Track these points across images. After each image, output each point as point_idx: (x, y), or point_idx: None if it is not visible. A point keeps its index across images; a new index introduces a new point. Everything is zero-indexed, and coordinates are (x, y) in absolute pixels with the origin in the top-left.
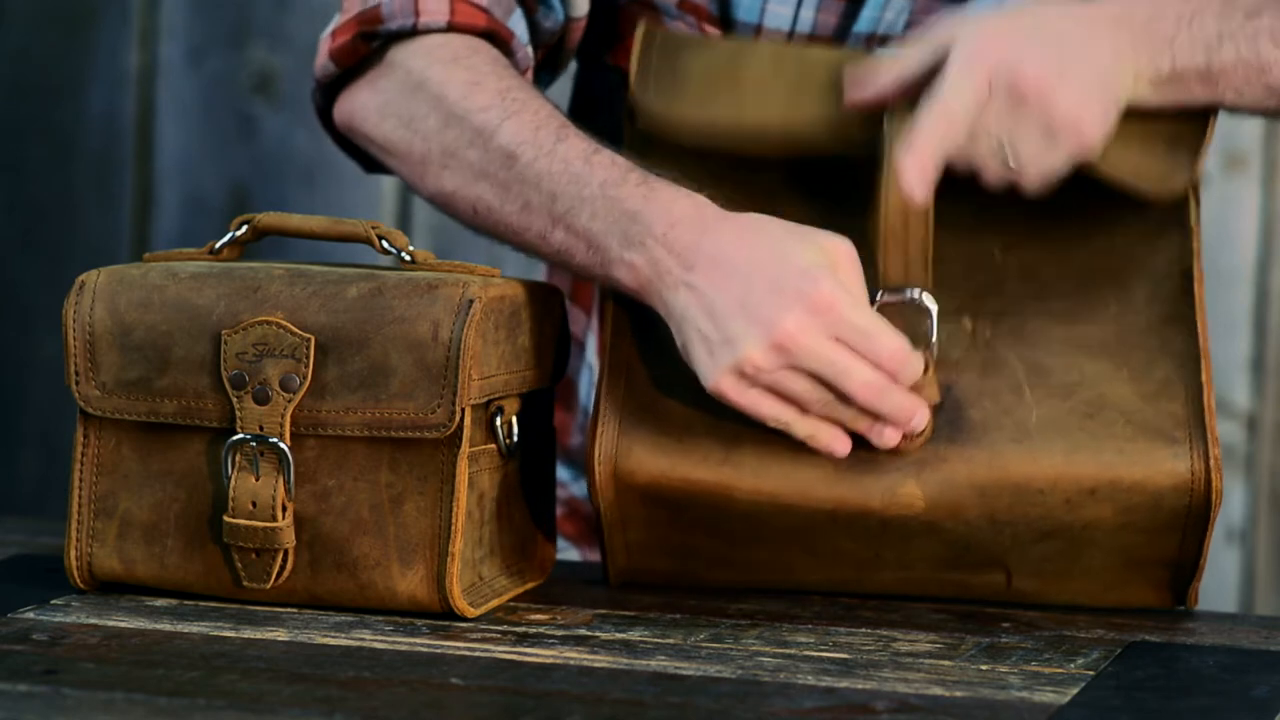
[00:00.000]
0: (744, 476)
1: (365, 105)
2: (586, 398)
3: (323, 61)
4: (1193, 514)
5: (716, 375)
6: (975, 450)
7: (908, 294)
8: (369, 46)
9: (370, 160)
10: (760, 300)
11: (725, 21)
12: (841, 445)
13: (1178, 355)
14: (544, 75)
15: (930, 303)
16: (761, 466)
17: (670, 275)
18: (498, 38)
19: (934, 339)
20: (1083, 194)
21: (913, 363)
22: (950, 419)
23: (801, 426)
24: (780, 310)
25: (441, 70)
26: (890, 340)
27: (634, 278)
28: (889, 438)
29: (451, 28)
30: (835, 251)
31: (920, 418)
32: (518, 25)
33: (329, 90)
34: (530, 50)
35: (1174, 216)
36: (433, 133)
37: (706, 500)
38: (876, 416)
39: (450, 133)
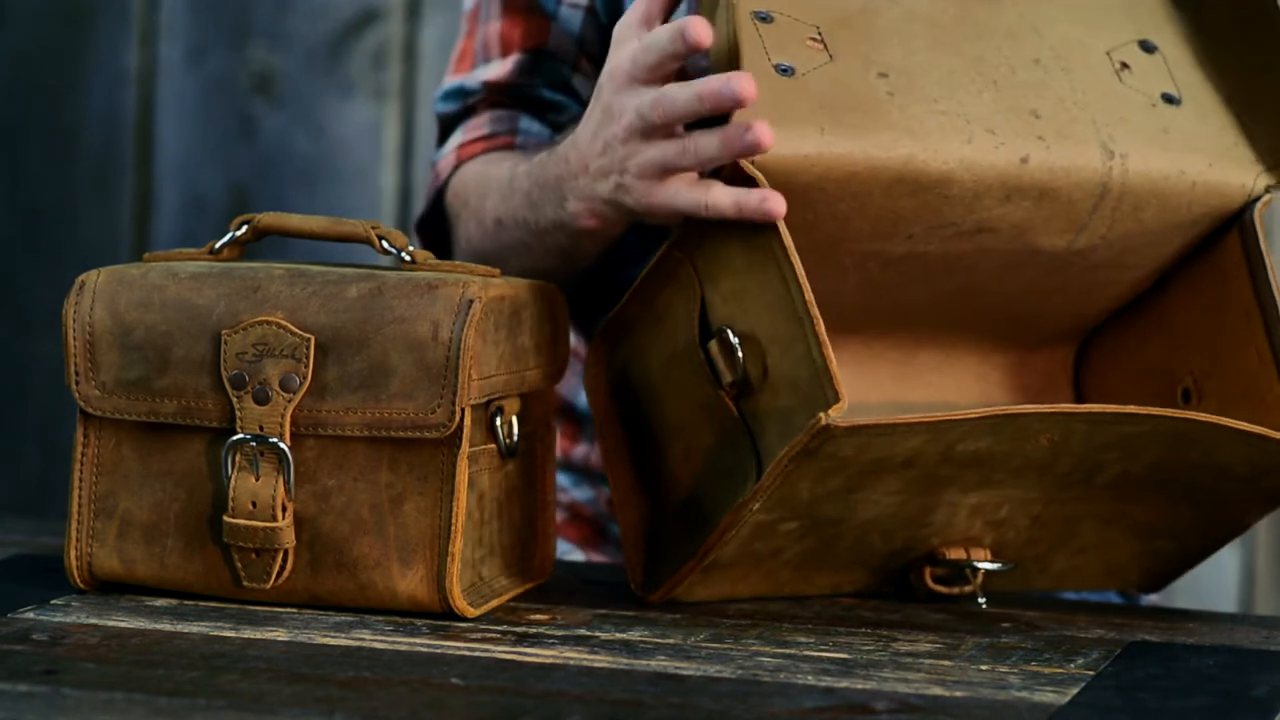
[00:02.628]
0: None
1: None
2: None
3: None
4: None
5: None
6: None
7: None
8: (430, 231)
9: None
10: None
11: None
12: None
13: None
14: None
15: None
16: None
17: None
18: (502, 148)
19: None
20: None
21: (690, 25)
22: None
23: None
24: (614, 126)
25: (453, 203)
26: (660, 34)
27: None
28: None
29: (458, 167)
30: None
31: (737, 85)
32: (530, 126)
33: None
34: (549, 132)
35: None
36: (474, 240)
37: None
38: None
39: (475, 237)
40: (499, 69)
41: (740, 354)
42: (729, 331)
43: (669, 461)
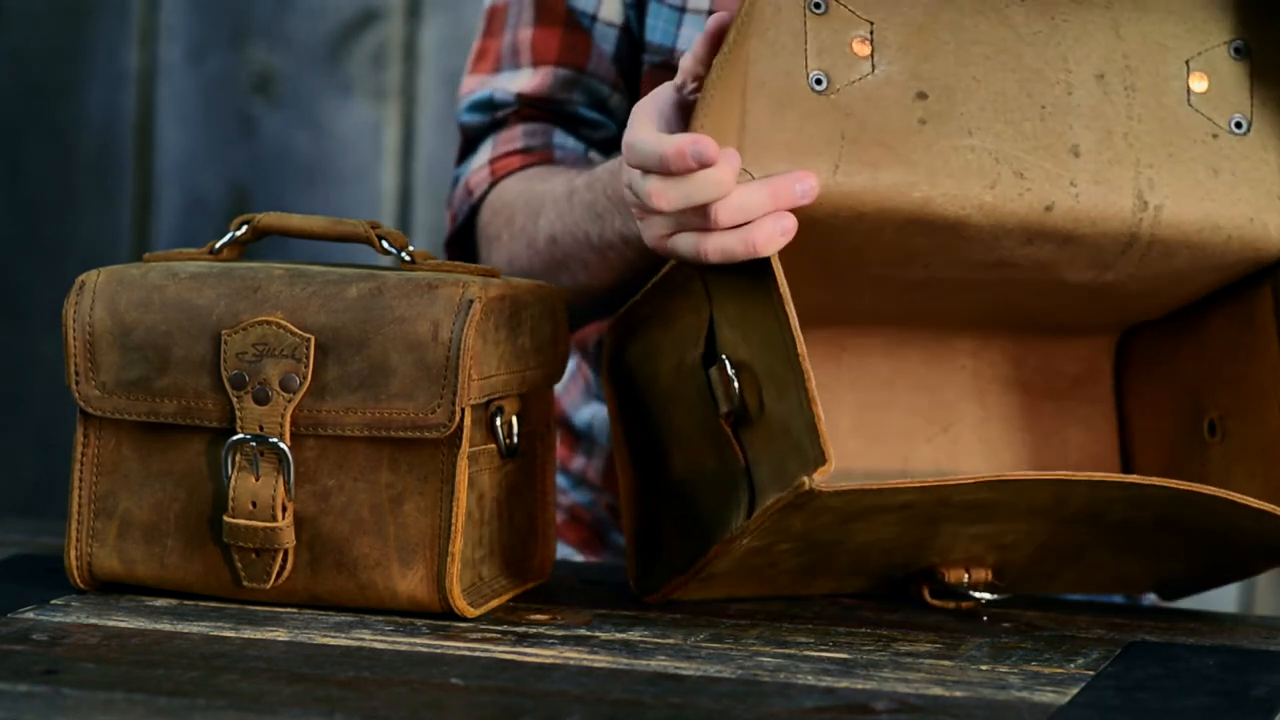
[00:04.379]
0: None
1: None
2: (601, 435)
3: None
4: None
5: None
6: None
7: None
8: (460, 250)
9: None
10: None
11: None
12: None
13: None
14: None
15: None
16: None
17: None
18: (541, 163)
19: None
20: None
21: (696, 144)
22: None
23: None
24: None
25: (493, 221)
26: (663, 143)
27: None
28: (710, 244)
29: (495, 183)
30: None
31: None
32: (565, 141)
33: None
34: (584, 147)
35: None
36: (519, 260)
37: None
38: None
39: (521, 257)
40: (531, 80)
41: (737, 384)
42: (728, 364)
43: (671, 468)
